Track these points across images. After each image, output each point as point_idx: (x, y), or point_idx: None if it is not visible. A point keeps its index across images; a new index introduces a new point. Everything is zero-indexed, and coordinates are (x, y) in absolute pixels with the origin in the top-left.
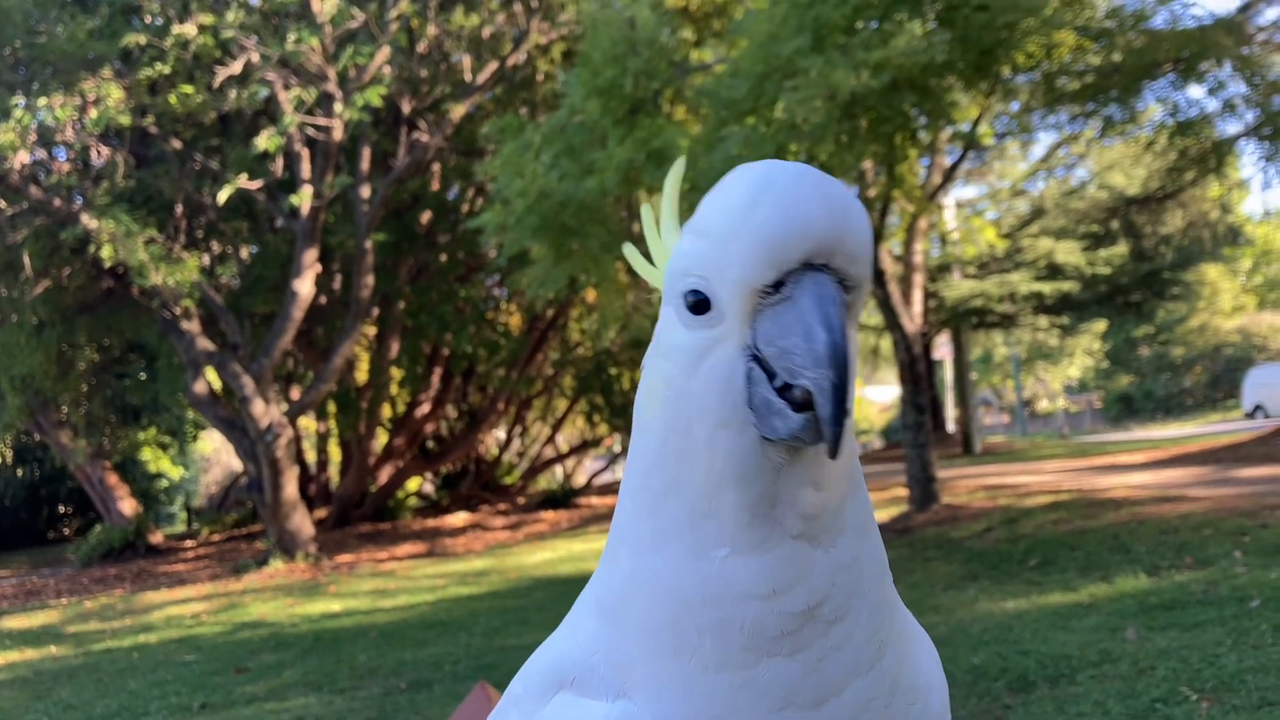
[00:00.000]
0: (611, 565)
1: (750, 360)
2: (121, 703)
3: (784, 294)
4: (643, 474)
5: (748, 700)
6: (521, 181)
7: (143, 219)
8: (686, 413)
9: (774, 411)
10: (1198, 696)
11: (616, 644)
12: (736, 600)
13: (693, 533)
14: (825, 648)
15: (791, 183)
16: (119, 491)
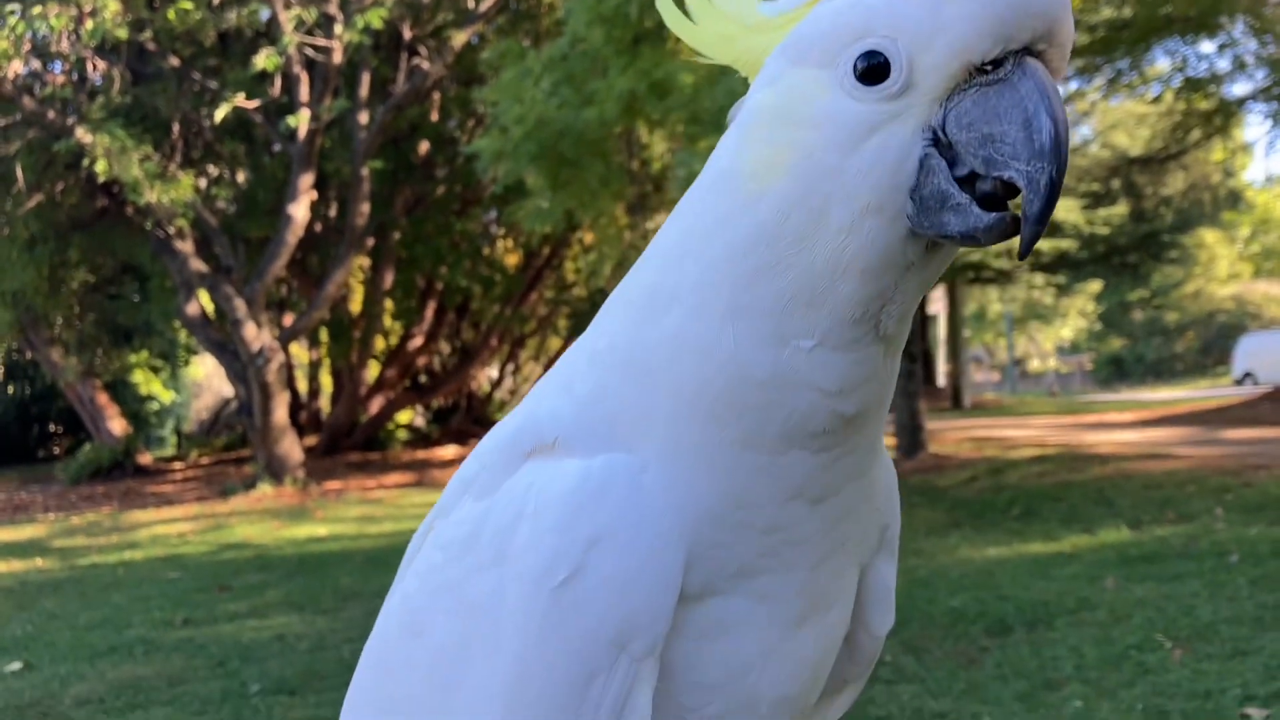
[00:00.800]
0: (644, 319)
1: (929, 143)
2: (105, 615)
3: (1000, 75)
4: (736, 245)
5: (765, 484)
6: (520, 108)
7: (138, 136)
8: (829, 192)
9: (948, 206)
10: (1172, 644)
11: (631, 397)
12: (799, 389)
13: (783, 317)
14: (842, 450)
15: None
16: (109, 411)
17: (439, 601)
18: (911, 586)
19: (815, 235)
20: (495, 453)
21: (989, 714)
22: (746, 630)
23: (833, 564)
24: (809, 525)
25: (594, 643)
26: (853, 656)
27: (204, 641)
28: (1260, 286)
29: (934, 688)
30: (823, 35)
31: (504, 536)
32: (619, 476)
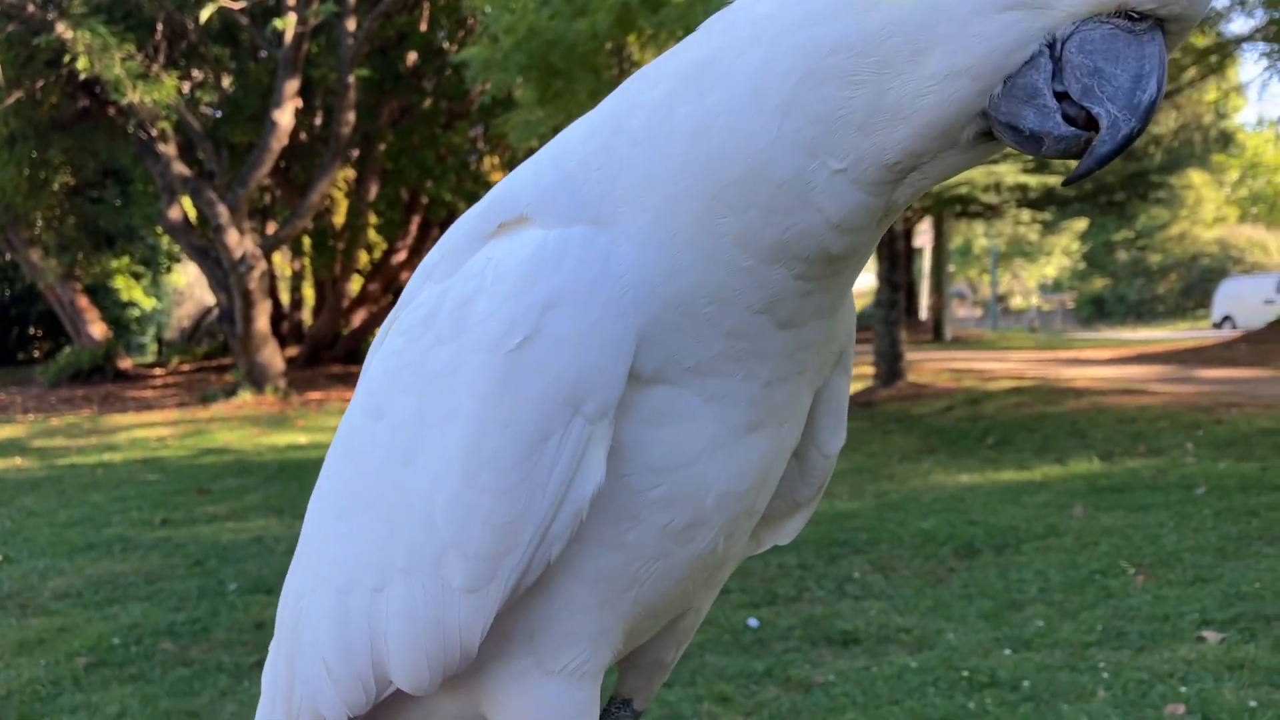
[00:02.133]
0: (677, 95)
1: (1045, 45)
2: (84, 513)
3: (1137, 27)
4: (820, 41)
5: (742, 287)
6: (510, 17)
7: (121, 34)
8: (941, 34)
9: (1035, 104)
10: (1135, 570)
11: (635, 166)
12: (808, 207)
13: (831, 129)
14: (816, 287)
15: None
16: (89, 315)
17: (399, 381)
18: (883, 509)
19: (905, 68)
20: (459, 235)
21: (953, 631)
22: (696, 424)
23: (788, 385)
24: (771, 342)
25: (549, 402)
26: (804, 476)
27: (182, 541)
28: (1245, 231)
29: (901, 604)
30: None
31: (462, 309)
32: (575, 244)
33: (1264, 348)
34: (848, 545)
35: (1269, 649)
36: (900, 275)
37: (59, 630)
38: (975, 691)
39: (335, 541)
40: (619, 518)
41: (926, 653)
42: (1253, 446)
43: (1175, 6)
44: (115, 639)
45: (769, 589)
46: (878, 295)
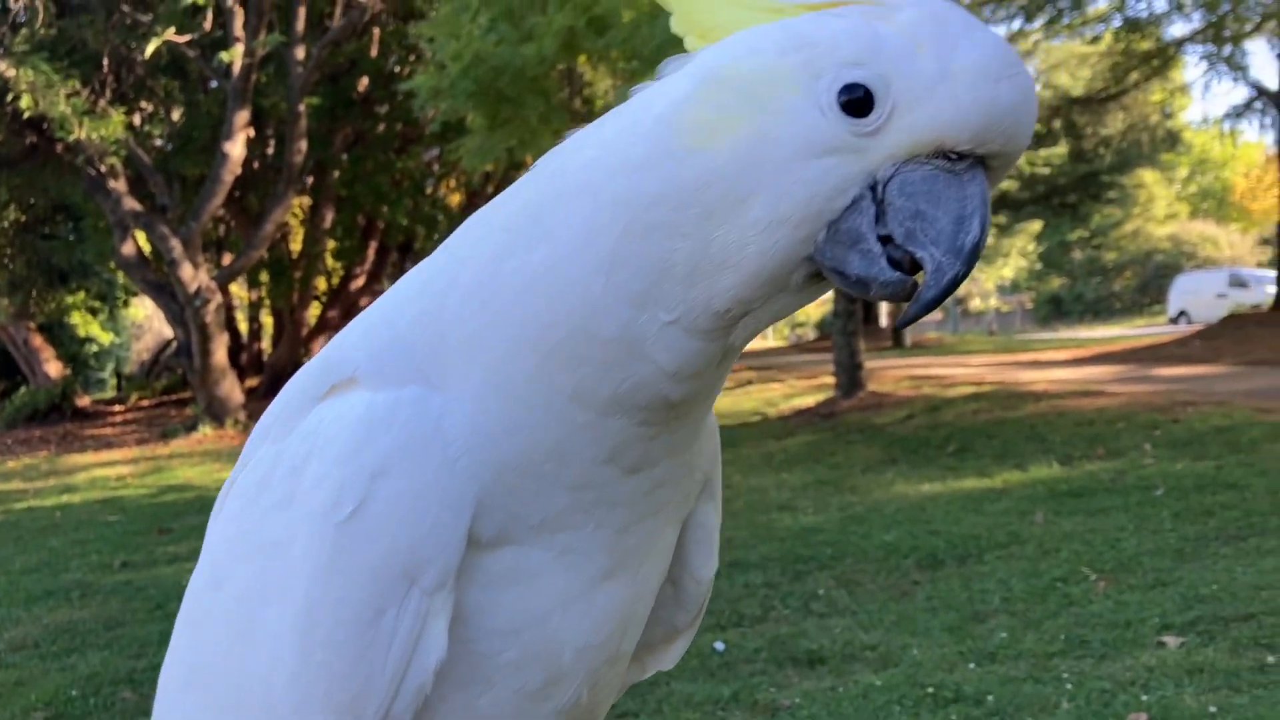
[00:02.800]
0: (507, 250)
1: (866, 188)
2: (41, 558)
3: (957, 167)
4: (641, 195)
5: (583, 441)
6: (457, 44)
7: (65, 70)
8: (760, 184)
9: (858, 249)
10: (1097, 576)
11: (466, 324)
12: (640, 359)
13: (657, 282)
14: (662, 429)
15: (1027, 79)
16: (44, 353)
17: (236, 549)
18: (846, 522)
19: (726, 218)
20: (291, 397)
21: (918, 646)
22: (544, 581)
23: (644, 527)
24: (621, 490)
25: (383, 576)
26: (680, 603)
27: (143, 584)
28: (1196, 226)
29: (865, 620)
30: (822, 41)
31: (294, 476)
32: (405, 406)
33: (1217, 344)
34: (813, 561)
35: (1227, 651)
36: None
37: (14, 684)
38: (940, 708)
39: (181, 715)
40: (469, 683)
41: (891, 670)
42: (1208, 445)
43: (993, 145)
44: (73, 690)
45: (735, 610)
46: (835, 306)
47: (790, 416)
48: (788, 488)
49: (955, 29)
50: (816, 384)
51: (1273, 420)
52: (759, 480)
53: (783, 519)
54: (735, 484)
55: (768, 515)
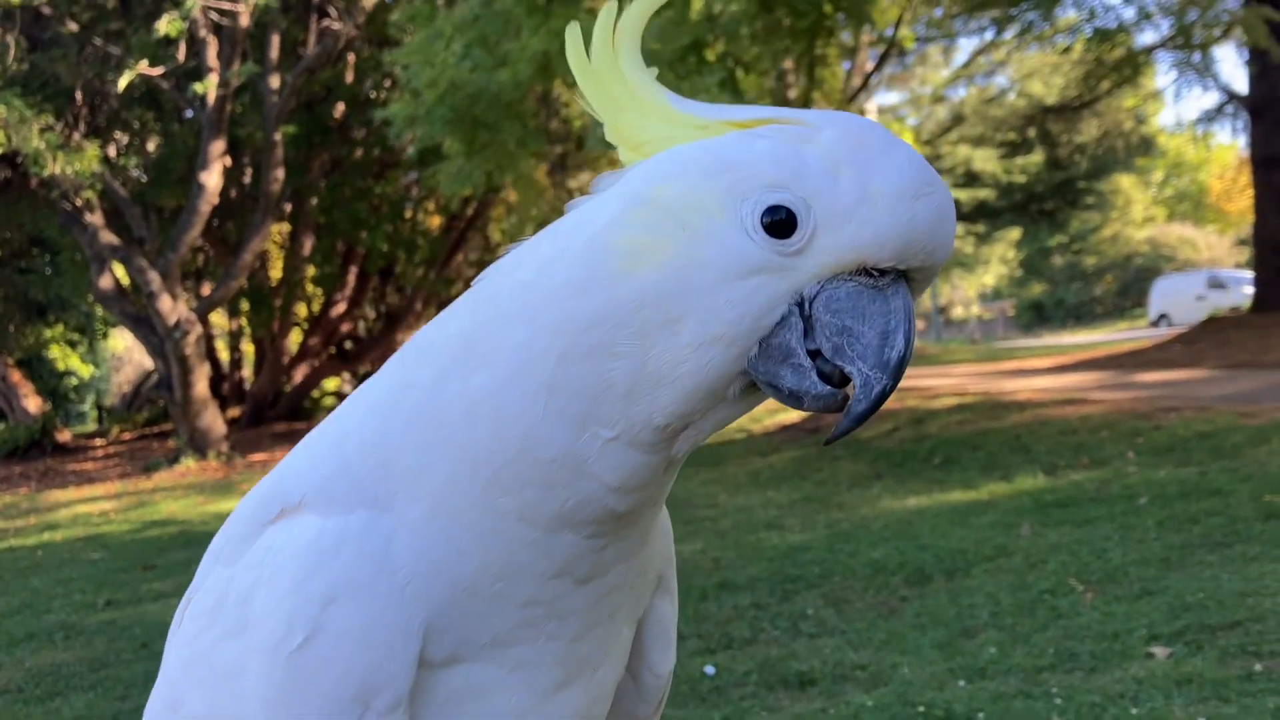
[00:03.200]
0: (448, 374)
1: (794, 306)
2: (23, 600)
3: (879, 282)
4: (575, 318)
5: (531, 559)
6: (431, 72)
7: (38, 105)
8: (691, 306)
9: (789, 363)
10: (1084, 587)
11: (412, 451)
12: (584, 476)
13: (596, 402)
14: (612, 539)
15: (945, 191)
16: (23, 389)
17: (191, 674)
18: (833, 540)
19: (660, 337)
20: (242, 520)
21: (908, 664)
22: (498, 697)
23: (598, 633)
24: (572, 601)
25: (335, 702)
26: (641, 695)
27: (127, 623)
28: (1175, 229)
29: (855, 639)
30: (745, 164)
31: (244, 604)
32: (353, 533)
33: (1197, 347)
34: (801, 580)
35: (1215, 661)
36: None
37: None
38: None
39: None
40: None
41: (882, 690)
42: (1190, 451)
43: (914, 260)
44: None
45: (724, 632)
46: None
47: (775, 432)
48: (774, 505)
49: (873, 150)
50: None
51: (1255, 425)
52: (745, 499)
53: (770, 538)
54: (721, 503)
55: (755, 534)
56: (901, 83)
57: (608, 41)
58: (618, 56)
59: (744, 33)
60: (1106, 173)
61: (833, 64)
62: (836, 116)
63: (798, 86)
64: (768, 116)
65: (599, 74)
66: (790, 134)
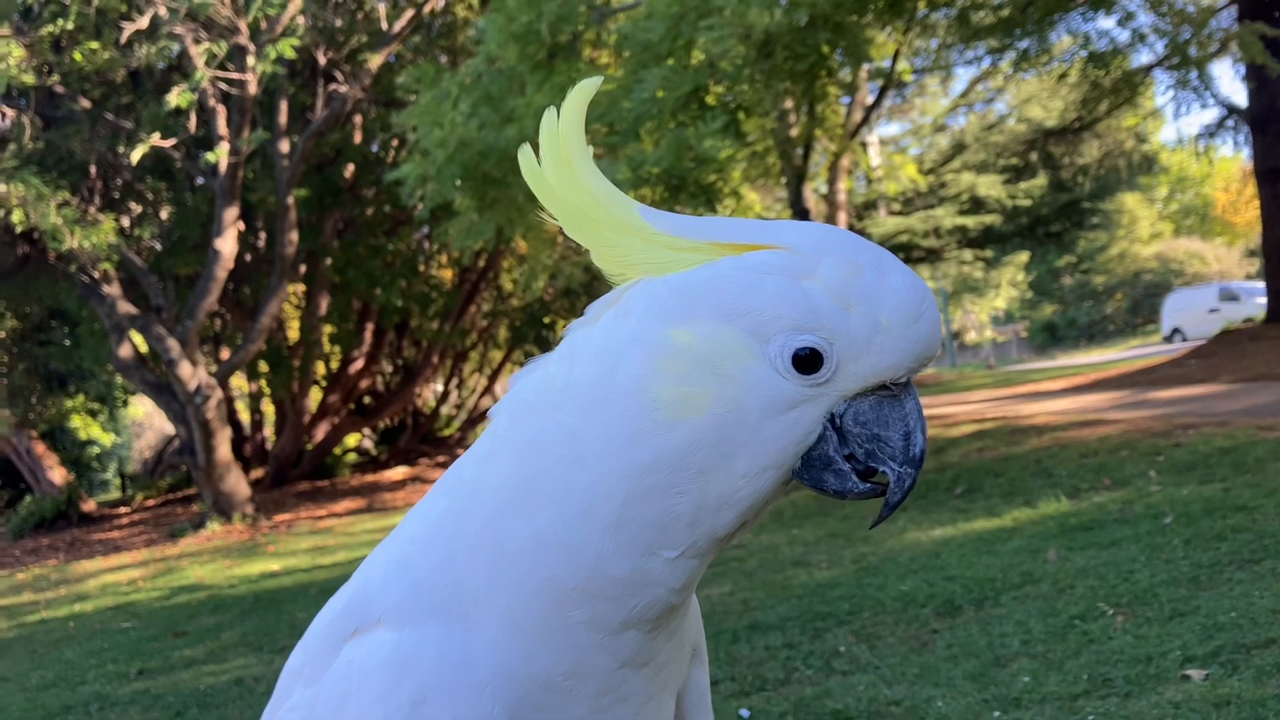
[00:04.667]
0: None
1: (828, 424)
2: (58, 673)
3: (892, 392)
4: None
5: (601, 657)
6: (440, 132)
7: (54, 181)
8: (742, 443)
9: (832, 470)
10: (1114, 611)
11: (479, 575)
12: (652, 586)
13: (658, 534)
14: (668, 624)
15: (933, 303)
16: (48, 461)
17: None
18: (861, 574)
19: (717, 472)
20: (320, 638)
21: (942, 697)
22: None
23: (653, 705)
24: (633, 685)
25: None
26: None
27: (161, 692)
28: (1182, 244)
29: (888, 675)
30: (760, 309)
31: (335, 714)
32: (431, 641)
33: (1212, 361)
34: (831, 617)
35: (1251, 681)
36: None
37: None
38: None
39: None
40: None
41: None
42: (1213, 468)
43: (920, 368)
44: None
45: (757, 674)
46: None
47: None
48: (800, 543)
49: (872, 279)
50: None
51: (1276, 438)
52: (770, 538)
53: (798, 575)
54: (747, 543)
55: (782, 573)
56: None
57: (556, 151)
58: (572, 165)
59: (745, 75)
60: (1110, 192)
61: (833, 101)
62: (824, 241)
63: (799, 125)
64: (750, 240)
65: (560, 191)
66: (789, 269)
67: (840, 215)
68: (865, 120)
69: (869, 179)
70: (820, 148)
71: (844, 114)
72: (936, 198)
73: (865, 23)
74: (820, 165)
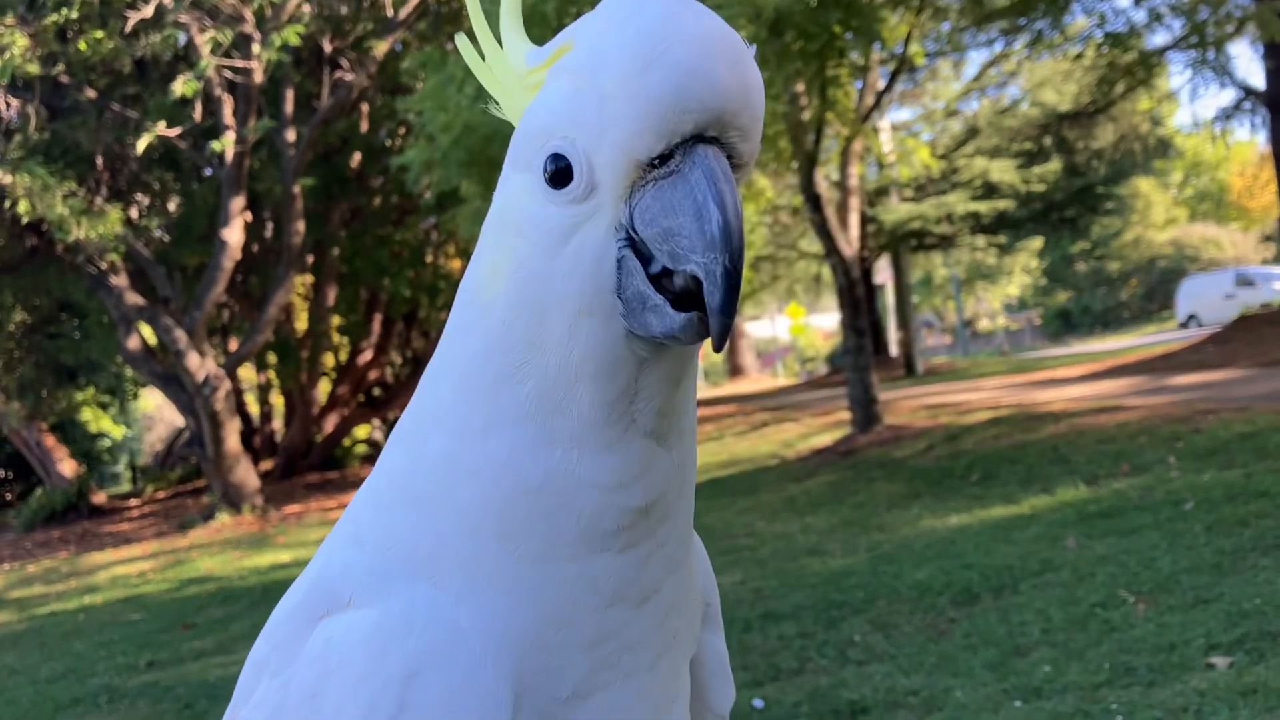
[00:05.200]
0: (414, 449)
1: (624, 243)
2: (67, 665)
3: (671, 167)
4: (475, 357)
5: (578, 594)
6: (445, 115)
7: (60, 172)
8: (542, 297)
9: (649, 308)
10: (1135, 599)
11: (421, 531)
12: (577, 490)
13: (536, 423)
14: (651, 545)
15: (695, 40)
16: (58, 453)
17: None
18: (877, 562)
19: (541, 340)
20: (285, 624)
21: (960, 687)
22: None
23: (668, 660)
24: (638, 628)
25: None
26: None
27: (170, 684)
28: (1197, 229)
29: (905, 664)
30: (524, 137)
31: (312, 699)
32: (420, 607)
33: (1230, 347)
34: (846, 606)
35: (1278, 669)
36: (864, 320)
37: None
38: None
39: None
40: None
41: (936, 715)
42: (1233, 454)
43: (690, 129)
44: None
45: (771, 663)
46: (844, 342)
47: (809, 457)
48: (814, 531)
49: (600, 35)
50: (832, 421)
51: None
52: (783, 526)
53: (811, 564)
54: (759, 531)
55: (796, 561)
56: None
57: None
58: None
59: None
60: (1125, 177)
61: (845, 84)
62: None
63: (811, 108)
64: (550, 52)
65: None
66: (567, 68)
67: (853, 201)
68: (877, 104)
69: (881, 164)
70: (832, 132)
71: (856, 97)
72: (949, 183)
73: (878, 3)
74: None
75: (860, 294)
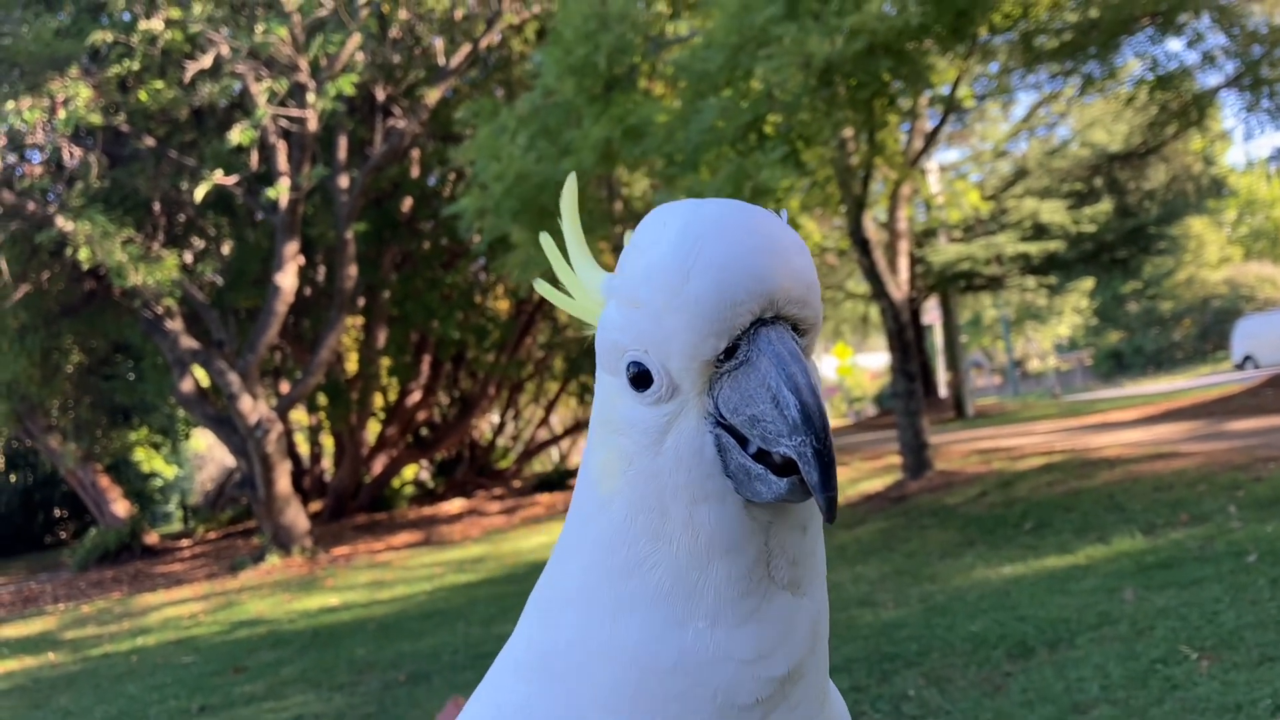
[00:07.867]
0: (549, 621)
1: (717, 427)
2: (120, 707)
3: (740, 358)
4: (599, 545)
5: None
6: (498, 165)
7: (119, 219)
8: (657, 491)
9: (754, 477)
10: (1198, 655)
11: (560, 706)
12: (713, 665)
13: (670, 605)
14: (786, 708)
15: (722, 236)
16: (111, 494)
17: None
18: (929, 614)
19: (665, 532)
20: None
21: None
22: None
23: None
24: None
25: None
26: None
27: None
28: (1252, 268)
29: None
30: (603, 346)
31: None
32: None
33: None
34: (899, 659)
35: None
36: (914, 364)
37: None
38: None
39: None
40: None
41: None
42: None
43: (744, 322)
44: None
45: None
46: (894, 386)
47: (859, 503)
48: (865, 581)
49: (633, 259)
50: (882, 465)
51: None
52: (834, 575)
53: (863, 615)
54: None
55: (847, 612)
56: (961, 139)
57: (559, 260)
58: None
59: (804, 104)
60: (1177, 216)
61: (893, 128)
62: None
63: (859, 153)
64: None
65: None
66: (616, 290)
67: (901, 243)
68: (926, 147)
69: (929, 206)
70: (880, 175)
71: (904, 141)
72: (998, 224)
73: (926, 49)
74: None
75: (910, 337)
